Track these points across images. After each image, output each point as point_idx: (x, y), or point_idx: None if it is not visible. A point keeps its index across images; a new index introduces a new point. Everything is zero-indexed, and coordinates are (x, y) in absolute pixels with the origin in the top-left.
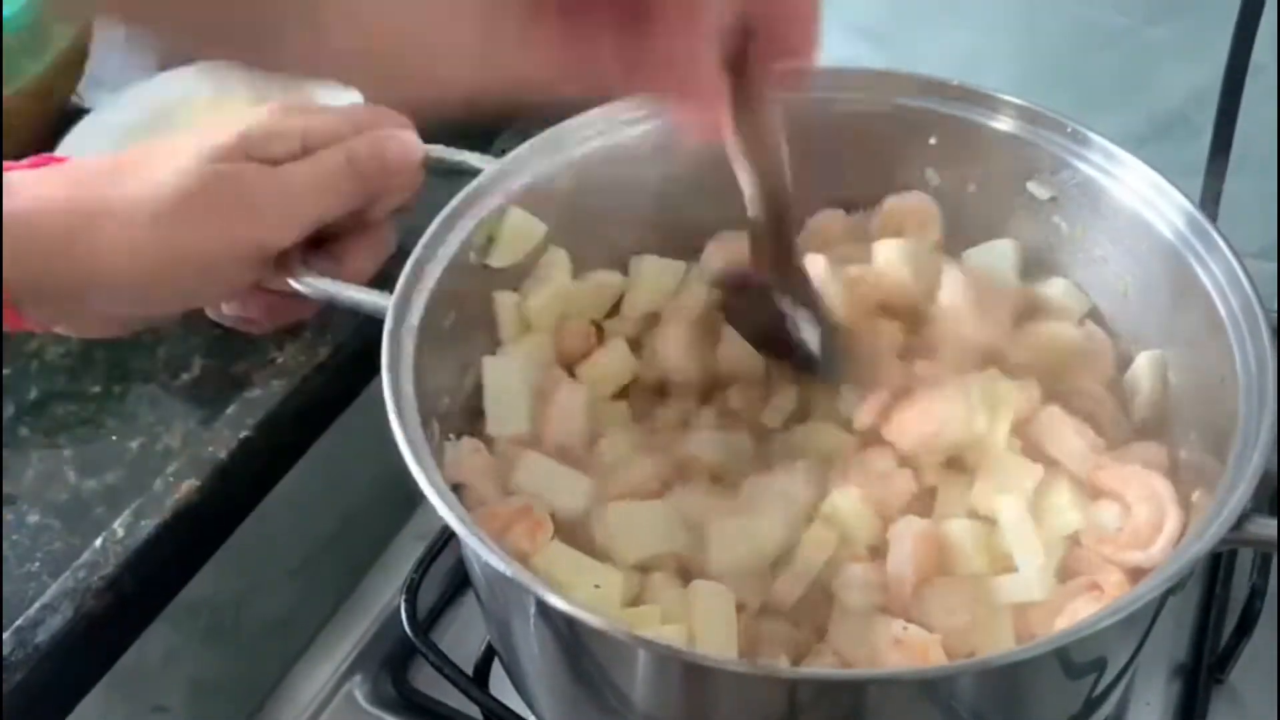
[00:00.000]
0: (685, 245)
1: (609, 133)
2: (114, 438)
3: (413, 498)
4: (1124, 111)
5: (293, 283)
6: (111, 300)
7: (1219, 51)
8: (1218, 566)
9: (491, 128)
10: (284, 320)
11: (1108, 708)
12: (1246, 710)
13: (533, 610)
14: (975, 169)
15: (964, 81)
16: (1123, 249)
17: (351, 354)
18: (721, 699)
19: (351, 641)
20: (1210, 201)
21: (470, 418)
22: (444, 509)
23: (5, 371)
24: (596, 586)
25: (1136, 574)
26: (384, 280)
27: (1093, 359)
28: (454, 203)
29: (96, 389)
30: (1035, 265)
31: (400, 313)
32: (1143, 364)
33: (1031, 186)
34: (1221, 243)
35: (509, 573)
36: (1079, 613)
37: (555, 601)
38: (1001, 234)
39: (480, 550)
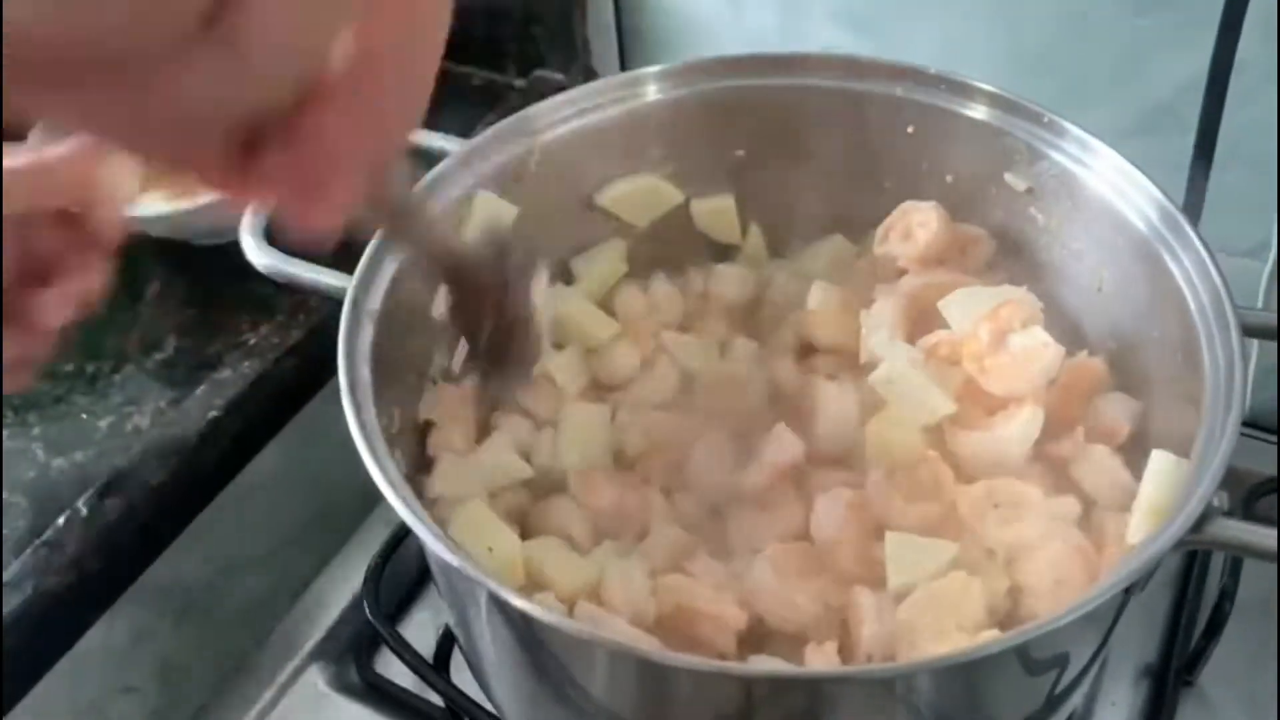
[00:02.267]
0: None
1: (576, 117)
2: (84, 416)
3: None
4: (1111, 104)
5: (253, 261)
6: None
7: (1208, 43)
8: (1190, 568)
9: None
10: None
11: (1071, 705)
12: (1214, 713)
13: (484, 602)
14: (952, 159)
15: (940, 69)
16: (1098, 242)
17: (324, 336)
18: (675, 694)
19: (318, 626)
20: (1194, 199)
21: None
22: (390, 493)
23: None
24: (490, 549)
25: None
26: (350, 261)
27: None
28: (420, 185)
29: (69, 368)
30: (1012, 258)
31: (359, 297)
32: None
33: (1009, 178)
34: (1193, 235)
35: (458, 564)
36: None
37: (507, 595)
38: (979, 224)
39: (430, 541)
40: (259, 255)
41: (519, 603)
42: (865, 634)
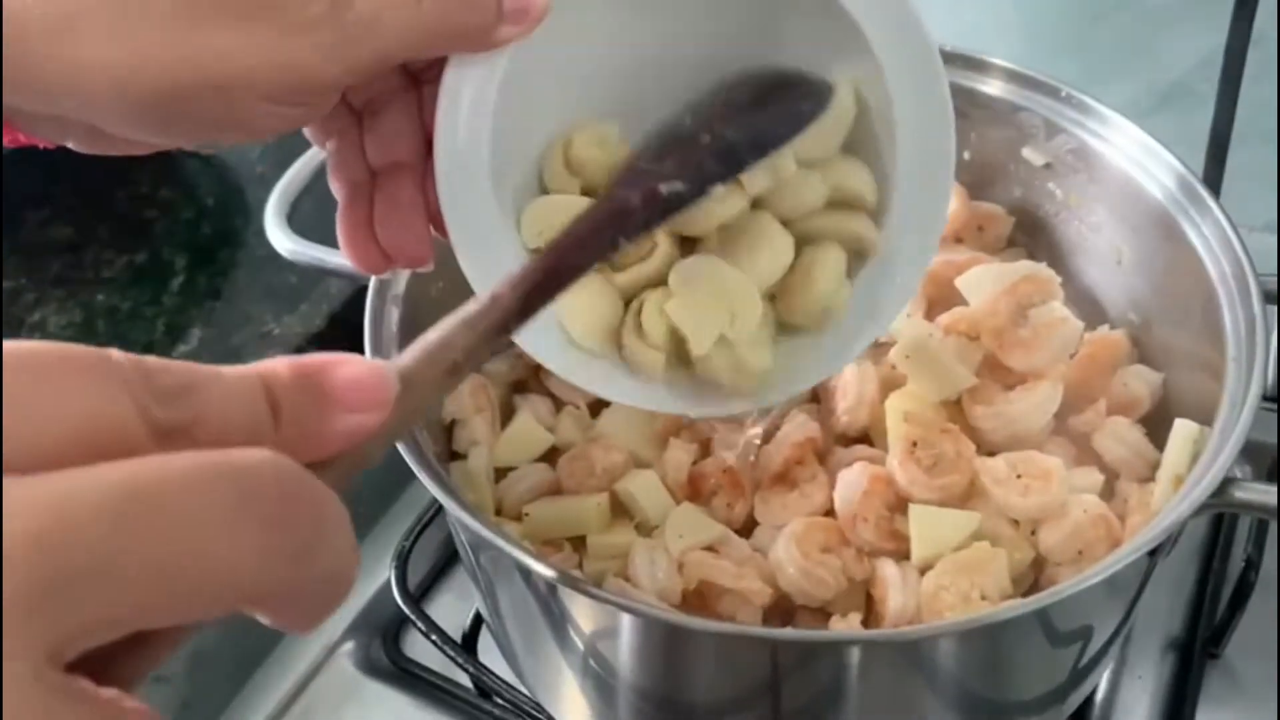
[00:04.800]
0: None
1: None
2: None
3: (409, 468)
4: (1128, 82)
5: (276, 246)
6: (111, 121)
7: (1224, 19)
8: (1215, 540)
9: None
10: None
11: (1096, 678)
12: (1241, 685)
13: (511, 573)
14: (970, 135)
15: (957, 46)
16: (1117, 215)
17: (346, 325)
18: (701, 662)
19: (346, 610)
20: (1213, 173)
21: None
22: (420, 470)
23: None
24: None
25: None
26: None
27: None
28: None
29: None
30: (1031, 234)
31: (384, 282)
32: None
33: (1026, 153)
34: (1212, 204)
35: (487, 534)
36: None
37: (536, 566)
38: (997, 201)
39: (459, 513)
40: (283, 240)
41: (546, 571)
42: (890, 606)
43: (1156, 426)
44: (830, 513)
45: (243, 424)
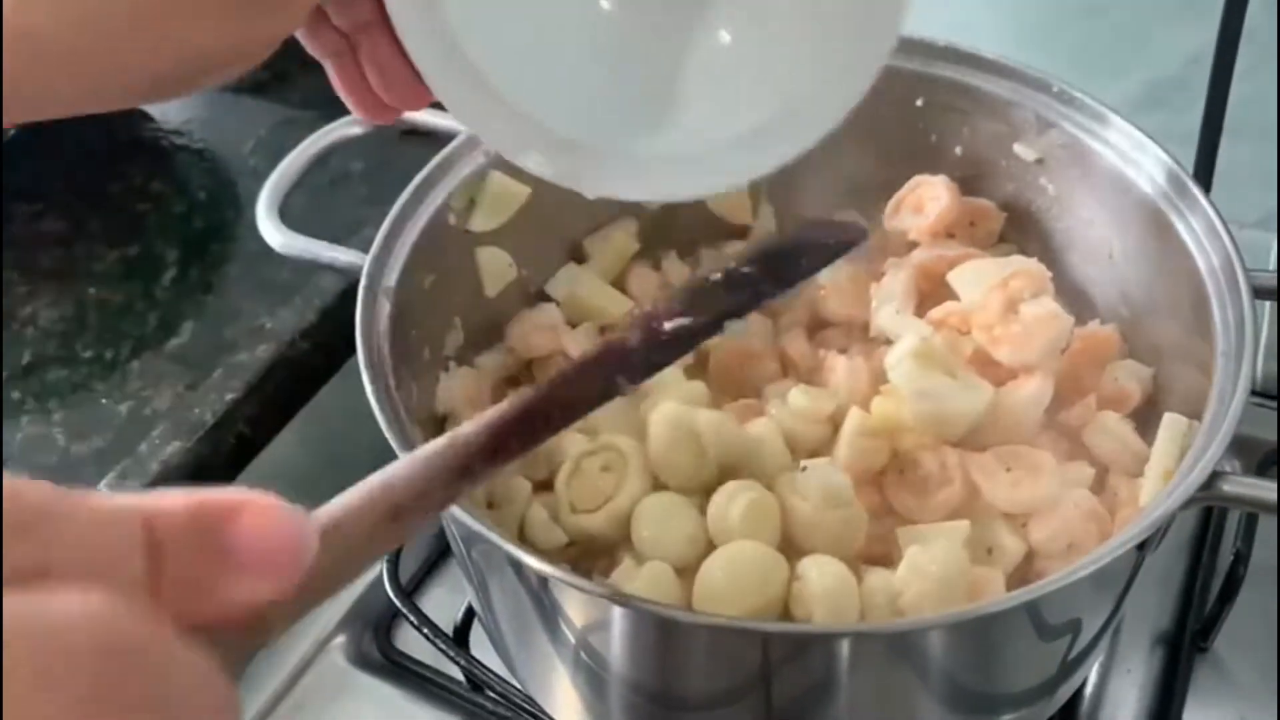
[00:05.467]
0: None
1: None
2: (104, 401)
3: None
4: (1120, 78)
5: (268, 239)
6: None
7: (1215, 14)
8: (1205, 533)
9: None
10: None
11: (1085, 671)
12: (1230, 679)
13: (506, 569)
14: (962, 130)
15: (949, 40)
16: (1108, 210)
17: (338, 320)
18: (694, 654)
19: (338, 603)
20: (1203, 169)
21: (473, 349)
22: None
23: None
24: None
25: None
26: (367, 242)
27: None
28: (431, 165)
29: (88, 354)
30: (1022, 229)
31: (375, 274)
32: None
33: (1018, 148)
34: (1202, 199)
35: (477, 527)
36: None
37: (528, 560)
38: (988, 196)
39: (453, 509)
40: (275, 234)
41: (538, 565)
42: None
43: (1146, 421)
44: None
45: (105, 574)
